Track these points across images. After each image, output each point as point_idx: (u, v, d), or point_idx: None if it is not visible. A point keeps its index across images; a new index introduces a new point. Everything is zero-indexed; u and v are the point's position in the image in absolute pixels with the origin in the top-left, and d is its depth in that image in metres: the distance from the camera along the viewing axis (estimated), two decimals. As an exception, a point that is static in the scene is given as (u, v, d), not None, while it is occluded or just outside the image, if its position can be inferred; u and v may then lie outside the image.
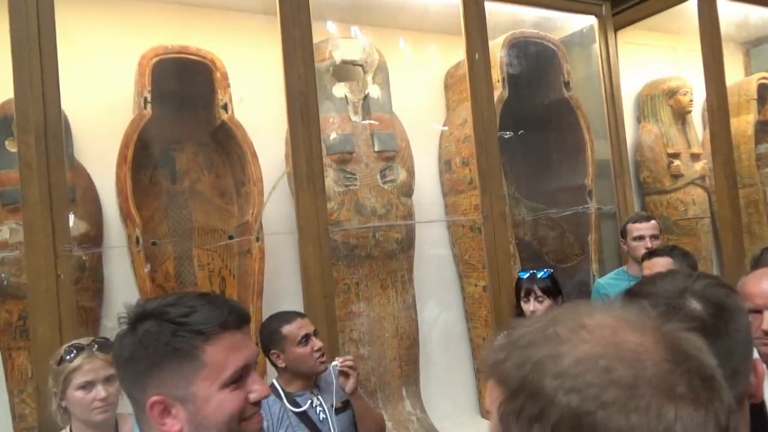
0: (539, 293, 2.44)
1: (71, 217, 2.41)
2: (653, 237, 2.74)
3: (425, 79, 3.58)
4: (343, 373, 1.90)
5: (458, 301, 3.46)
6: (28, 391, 2.26)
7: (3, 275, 2.32)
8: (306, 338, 1.87)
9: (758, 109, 4.13)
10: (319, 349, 1.87)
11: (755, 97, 4.11)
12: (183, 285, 2.71)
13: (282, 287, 2.75)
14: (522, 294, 2.49)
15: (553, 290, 2.48)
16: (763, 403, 1.18)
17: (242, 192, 2.78)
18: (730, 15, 3.81)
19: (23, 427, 2.23)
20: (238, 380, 0.91)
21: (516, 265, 3.05)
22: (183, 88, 2.71)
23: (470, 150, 3.04)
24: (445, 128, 3.48)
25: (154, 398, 0.88)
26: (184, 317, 0.90)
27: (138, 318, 0.92)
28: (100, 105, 2.64)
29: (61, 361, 1.70)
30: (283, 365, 1.87)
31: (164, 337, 0.89)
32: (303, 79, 2.47)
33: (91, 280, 2.48)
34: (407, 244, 3.10)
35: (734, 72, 4.32)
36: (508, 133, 3.20)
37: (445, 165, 3.44)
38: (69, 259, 2.00)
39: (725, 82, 3.37)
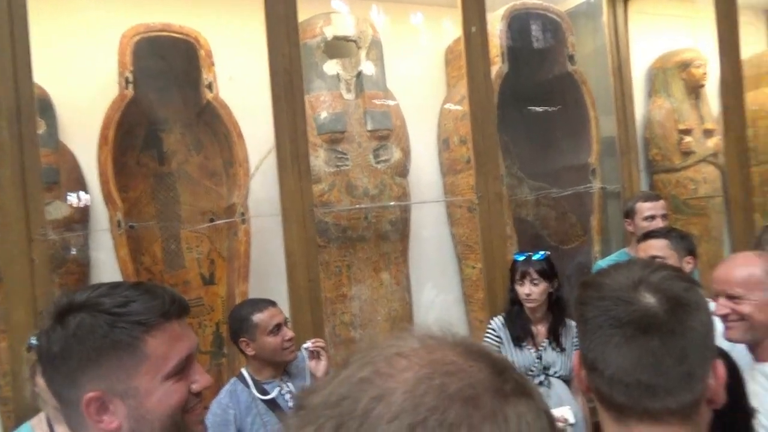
0: (535, 276, 2.43)
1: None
2: (663, 216, 2.65)
3: (425, 55, 3.46)
4: (315, 356, 1.85)
5: (457, 284, 3.39)
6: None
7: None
8: (277, 327, 1.83)
9: (779, 81, 3.93)
10: (289, 339, 1.83)
11: (776, 69, 3.92)
12: (171, 268, 2.68)
13: (271, 270, 2.70)
14: (517, 277, 2.47)
15: (549, 273, 2.47)
16: (745, 411, 1.10)
17: (231, 173, 2.72)
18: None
19: (8, 410, 2.23)
20: (180, 371, 0.87)
21: (513, 247, 2.95)
22: (168, 67, 2.64)
23: (468, 128, 2.93)
24: (448, 106, 3.37)
25: (91, 395, 0.83)
26: (120, 308, 0.85)
27: (66, 311, 0.86)
28: (85, 85, 2.59)
29: (30, 348, 1.68)
30: (253, 353, 1.84)
31: (101, 329, 0.83)
32: (287, 56, 2.37)
33: (76, 264, 2.46)
34: (402, 225, 3.02)
35: (755, 42, 4.11)
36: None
37: (444, 144, 3.34)
38: (43, 244, 1.96)
39: (740, 53, 3.18)
